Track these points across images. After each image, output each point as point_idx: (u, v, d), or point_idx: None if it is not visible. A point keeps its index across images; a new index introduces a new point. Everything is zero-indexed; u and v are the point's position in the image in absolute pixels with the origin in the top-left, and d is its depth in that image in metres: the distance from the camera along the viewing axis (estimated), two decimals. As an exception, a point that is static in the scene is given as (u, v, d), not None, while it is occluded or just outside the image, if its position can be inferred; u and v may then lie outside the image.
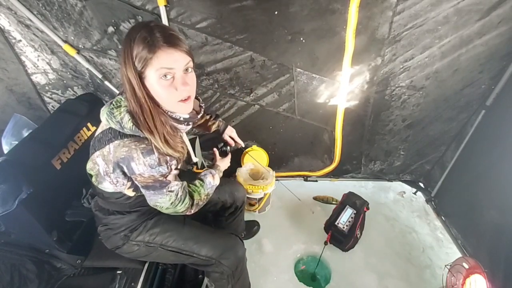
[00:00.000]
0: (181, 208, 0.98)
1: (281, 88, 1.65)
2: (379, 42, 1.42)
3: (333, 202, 2.07)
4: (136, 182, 0.90)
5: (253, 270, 1.30)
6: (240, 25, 1.39)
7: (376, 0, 1.29)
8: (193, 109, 0.99)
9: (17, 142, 1.34)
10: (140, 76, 0.80)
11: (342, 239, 1.73)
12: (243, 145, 1.43)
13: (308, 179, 2.15)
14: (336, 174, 2.11)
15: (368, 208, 1.82)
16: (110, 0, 1.33)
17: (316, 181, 2.16)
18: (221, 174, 1.20)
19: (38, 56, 1.56)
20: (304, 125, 1.82)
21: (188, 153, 1.16)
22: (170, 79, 0.80)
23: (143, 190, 0.92)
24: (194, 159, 1.34)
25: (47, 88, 1.72)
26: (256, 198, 1.83)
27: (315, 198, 2.12)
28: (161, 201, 0.93)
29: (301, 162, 2.07)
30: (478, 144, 1.61)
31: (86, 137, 1.35)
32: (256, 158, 1.86)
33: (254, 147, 1.94)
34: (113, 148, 0.83)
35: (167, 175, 0.90)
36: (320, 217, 1.95)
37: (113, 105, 0.85)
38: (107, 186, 0.97)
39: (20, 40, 1.50)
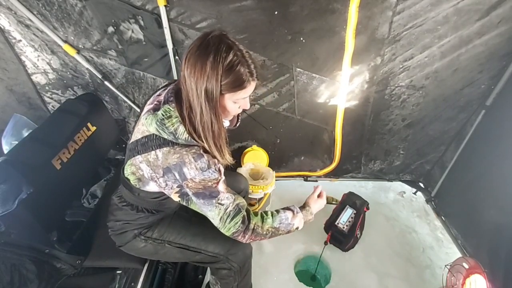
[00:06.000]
0: (231, 227, 0.91)
1: (281, 88, 1.65)
2: (379, 42, 1.43)
3: (333, 202, 2.05)
4: (187, 190, 0.88)
5: (253, 270, 1.31)
6: (240, 25, 1.39)
7: (376, 0, 1.30)
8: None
9: (17, 142, 1.34)
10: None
11: (342, 239, 1.73)
12: None
13: (308, 179, 2.15)
14: (336, 174, 2.10)
15: (368, 208, 1.82)
16: (110, 0, 1.33)
17: (316, 181, 2.15)
18: (309, 218, 1.07)
19: (38, 56, 1.56)
20: (304, 125, 1.82)
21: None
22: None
23: (194, 199, 0.90)
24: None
25: (47, 88, 1.72)
26: (256, 198, 1.83)
27: (315, 198, 2.12)
28: (211, 215, 0.91)
29: (301, 162, 2.07)
30: (478, 144, 1.61)
31: (86, 137, 1.35)
32: (256, 158, 1.85)
33: (254, 147, 1.94)
34: (162, 155, 0.83)
35: (218, 181, 0.88)
36: (320, 217, 1.94)
37: (163, 115, 0.82)
38: (152, 188, 0.95)
39: (20, 40, 1.50)
